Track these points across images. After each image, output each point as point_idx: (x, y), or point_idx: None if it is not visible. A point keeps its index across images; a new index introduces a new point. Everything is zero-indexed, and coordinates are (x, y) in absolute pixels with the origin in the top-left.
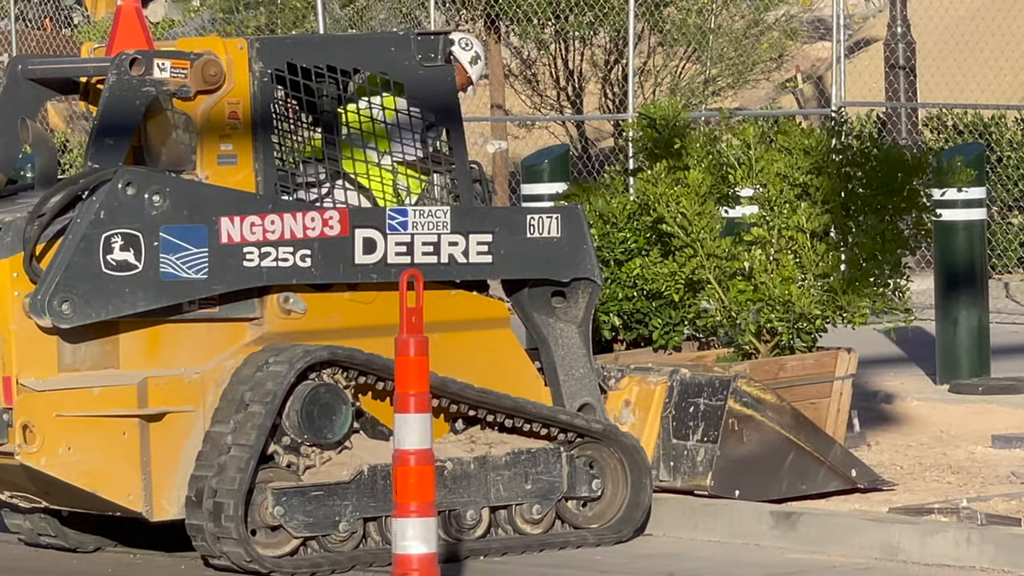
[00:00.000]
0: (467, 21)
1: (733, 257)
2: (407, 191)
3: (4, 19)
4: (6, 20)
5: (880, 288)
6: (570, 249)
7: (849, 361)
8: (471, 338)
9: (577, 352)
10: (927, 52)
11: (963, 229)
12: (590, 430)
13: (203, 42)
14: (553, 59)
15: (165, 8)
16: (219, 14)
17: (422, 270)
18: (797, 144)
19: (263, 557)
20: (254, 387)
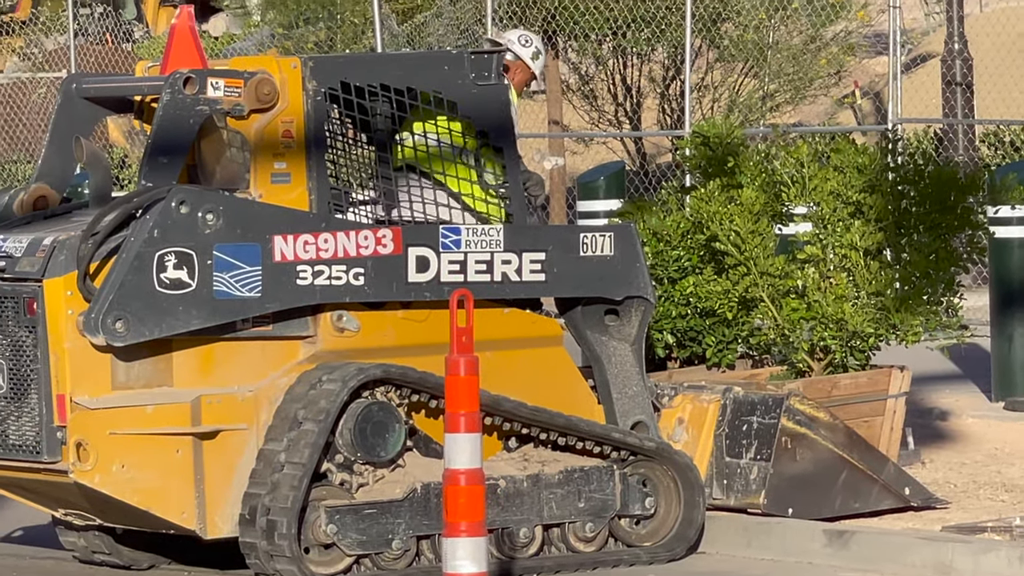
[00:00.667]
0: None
1: (786, 275)
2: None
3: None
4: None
5: (933, 306)
6: (623, 267)
7: (902, 379)
8: (524, 356)
9: (630, 370)
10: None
11: (1018, 246)
12: (643, 448)
13: (257, 61)
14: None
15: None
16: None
17: (475, 288)
18: (850, 162)
19: (316, 575)
20: (307, 405)
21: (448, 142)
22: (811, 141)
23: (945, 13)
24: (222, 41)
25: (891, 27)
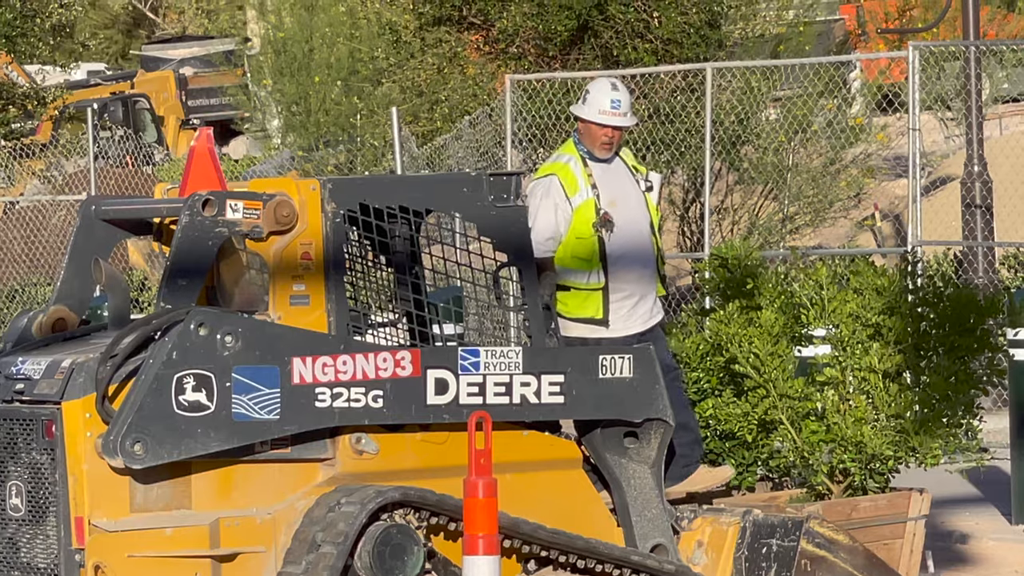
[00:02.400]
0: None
1: (806, 397)
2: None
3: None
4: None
5: (952, 429)
6: (642, 389)
7: (922, 502)
8: (543, 478)
9: (650, 493)
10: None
11: None
12: (663, 571)
13: (276, 183)
14: None
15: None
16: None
17: (494, 411)
18: (869, 284)
19: None
20: (326, 527)
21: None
22: (830, 263)
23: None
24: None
25: (911, 150)
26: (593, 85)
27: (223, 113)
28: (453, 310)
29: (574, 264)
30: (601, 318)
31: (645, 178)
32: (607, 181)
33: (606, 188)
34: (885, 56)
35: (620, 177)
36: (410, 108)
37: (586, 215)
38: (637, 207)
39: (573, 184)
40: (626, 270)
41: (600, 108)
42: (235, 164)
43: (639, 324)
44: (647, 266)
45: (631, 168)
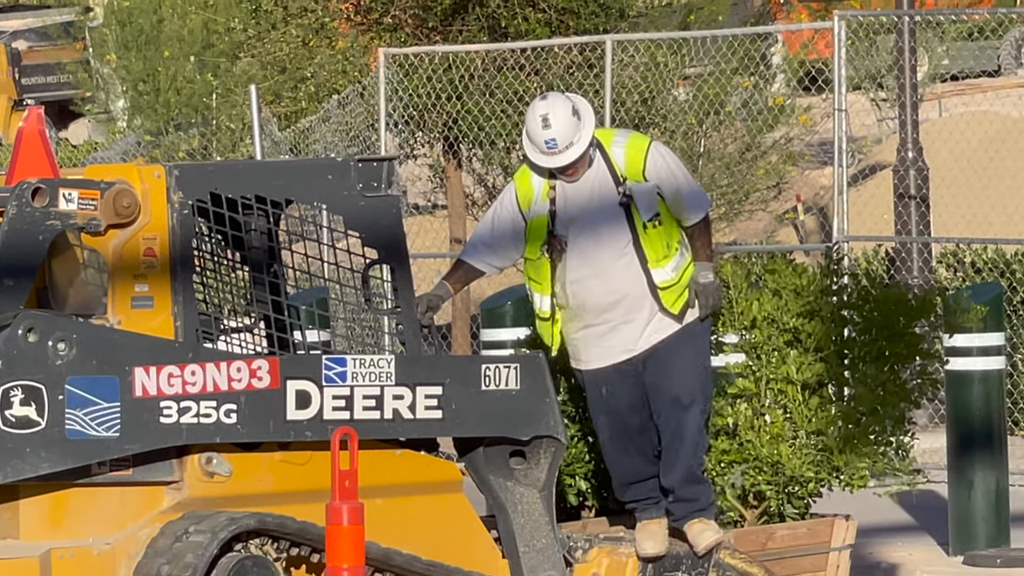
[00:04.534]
0: (423, 144)
1: (716, 412)
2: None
3: None
4: None
5: (881, 447)
6: (531, 403)
7: (847, 530)
8: (419, 504)
9: (539, 520)
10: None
11: (979, 380)
12: None
13: (116, 169)
14: None
15: (88, 130)
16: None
17: (363, 427)
18: (787, 284)
19: None
20: (172, 560)
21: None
22: (747, 261)
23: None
24: (82, 150)
25: (836, 133)
26: (528, 116)
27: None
28: (317, 314)
29: (530, 286)
30: (554, 350)
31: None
32: (571, 197)
33: (567, 205)
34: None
35: (590, 192)
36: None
37: (538, 233)
38: (607, 226)
39: (527, 196)
40: (586, 298)
41: (538, 148)
42: (74, 150)
43: (620, 354)
44: (617, 292)
45: (618, 176)
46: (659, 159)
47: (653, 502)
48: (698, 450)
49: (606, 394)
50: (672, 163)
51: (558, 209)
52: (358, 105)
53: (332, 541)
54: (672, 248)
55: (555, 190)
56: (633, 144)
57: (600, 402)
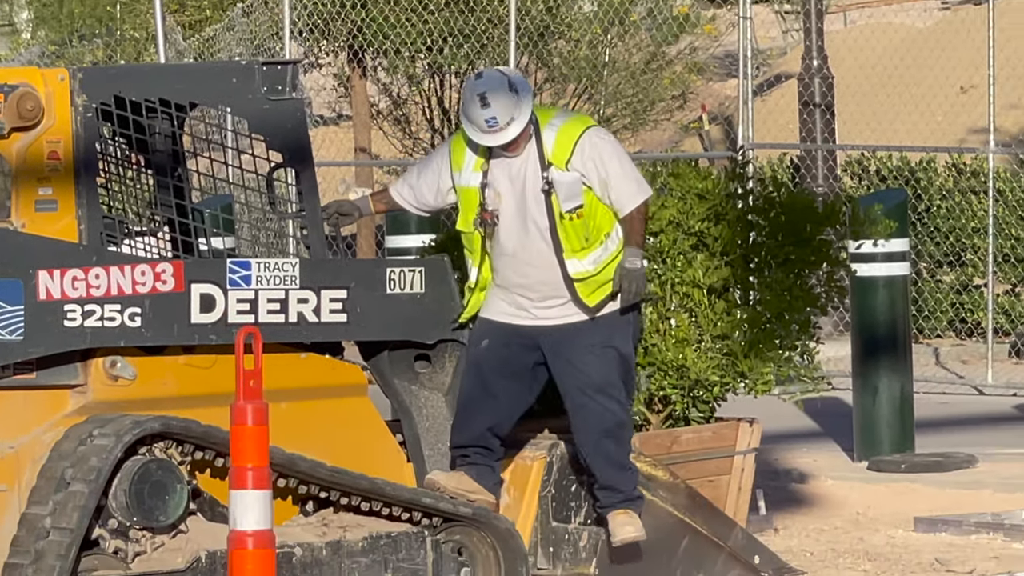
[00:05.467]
0: (328, 53)
1: None
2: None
3: None
4: None
5: (786, 351)
6: (435, 307)
7: (752, 434)
8: (323, 408)
9: (444, 424)
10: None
11: (884, 286)
12: (458, 513)
13: (19, 73)
14: (426, 97)
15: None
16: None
17: (267, 330)
18: (691, 188)
19: None
20: (76, 463)
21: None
22: (651, 169)
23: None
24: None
25: (740, 42)
26: (464, 96)
27: None
28: (222, 217)
29: (467, 255)
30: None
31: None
32: (500, 175)
33: (496, 182)
34: None
35: (517, 172)
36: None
37: (470, 205)
38: (529, 210)
39: (459, 162)
40: (509, 275)
41: (478, 128)
42: None
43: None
44: (533, 276)
45: (544, 160)
46: (588, 150)
47: (469, 463)
48: (613, 440)
49: (484, 347)
50: (605, 153)
51: (489, 183)
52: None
53: (236, 441)
54: (594, 241)
55: (488, 163)
56: (566, 130)
57: (476, 352)
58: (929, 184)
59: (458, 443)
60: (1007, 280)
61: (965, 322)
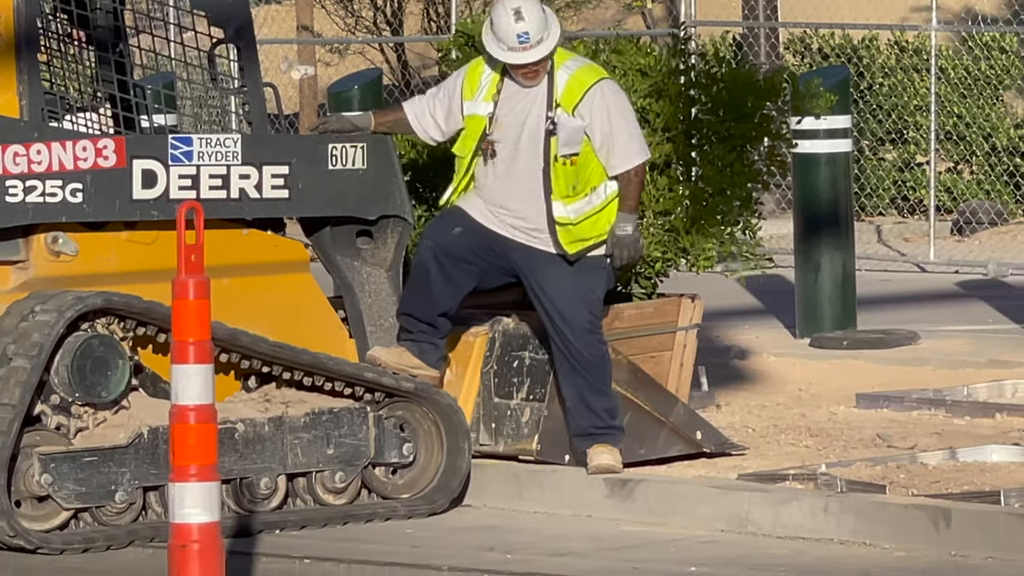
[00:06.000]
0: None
1: None
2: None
3: None
4: None
5: (728, 228)
6: (377, 183)
7: (694, 310)
8: (265, 284)
9: (386, 300)
10: None
11: (826, 163)
12: (400, 388)
13: None
14: None
15: None
16: None
17: (209, 206)
18: (633, 65)
19: (29, 531)
20: (18, 339)
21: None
22: (594, 47)
23: None
24: None
25: None
26: (497, 11)
27: None
28: (164, 94)
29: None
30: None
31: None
32: (508, 107)
33: (504, 113)
34: None
35: (526, 107)
36: None
37: (473, 132)
38: (529, 147)
39: (472, 88)
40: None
41: (507, 44)
42: None
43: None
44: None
45: (552, 100)
46: (598, 100)
47: (411, 339)
48: (587, 371)
49: (455, 233)
50: (613, 108)
51: (497, 114)
52: None
53: (178, 316)
54: (581, 191)
55: (499, 95)
56: (579, 76)
57: (444, 236)
58: (872, 62)
59: (406, 320)
60: (949, 158)
61: (907, 200)
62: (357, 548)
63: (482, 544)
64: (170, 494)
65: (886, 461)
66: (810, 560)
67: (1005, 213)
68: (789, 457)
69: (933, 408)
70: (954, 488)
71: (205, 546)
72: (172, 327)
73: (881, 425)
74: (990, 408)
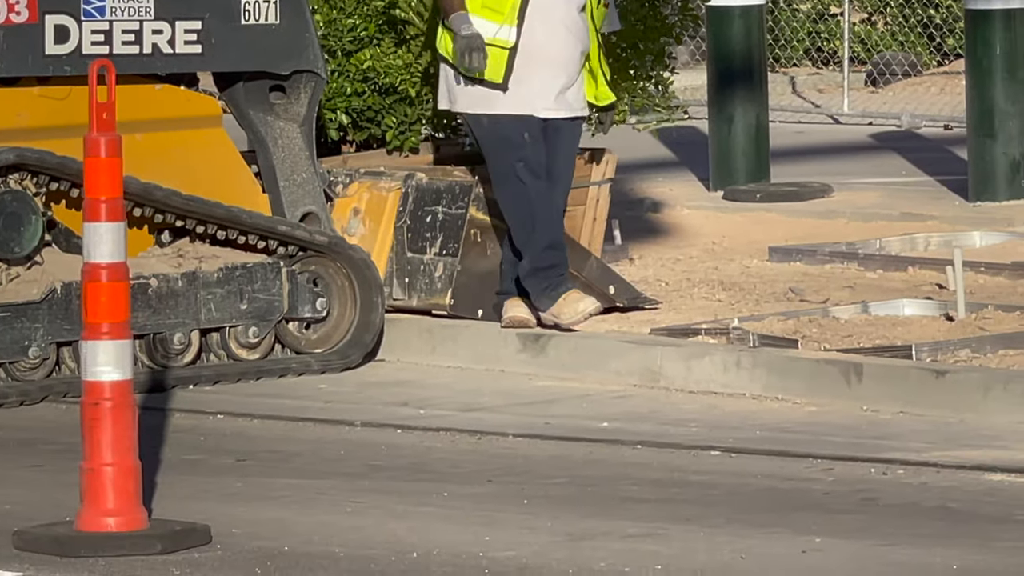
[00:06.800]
0: None
1: None
2: None
3: None
4: None
5: (641, 81)
6: (290, 38)
7: (606, 164)
8: (178, 138)
9: (299, 154)
10: None
11: (739, 16)
12: (313, 242)
13: None
14: None
15: None
16: None
17: (122, 61)
18: None
19: None
20: None
21: None
22: None
23: None
24: None
25: None
26: None
27: None
28: None
29: (483, 13)
30: (500, 81)
31: None
32: None
33: None
34: None
35: None
36: None
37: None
38: None
39: None
40: (546, 38)
41: None
42: None
43: (547, 107)
44: (572, 46)
45: None
46: None
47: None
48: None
49: (528, 139)
50: None
51: None
52: None
53: (91, 173)
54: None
55: None
56: None
57: (521, 147)
58: None
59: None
60: (863, 9)
61: (821, 51)
62: (270, 403)
63: (395, 399)
64: (82, 352)
65: (798, 315)
66: (722, 415)
67: (919, 64)
68: (702, 311)
69: (846, 261)
70: (866, 342)
71: (117, 403)
72: (84, 185)
73: (794, 279)
74: (902, 261)
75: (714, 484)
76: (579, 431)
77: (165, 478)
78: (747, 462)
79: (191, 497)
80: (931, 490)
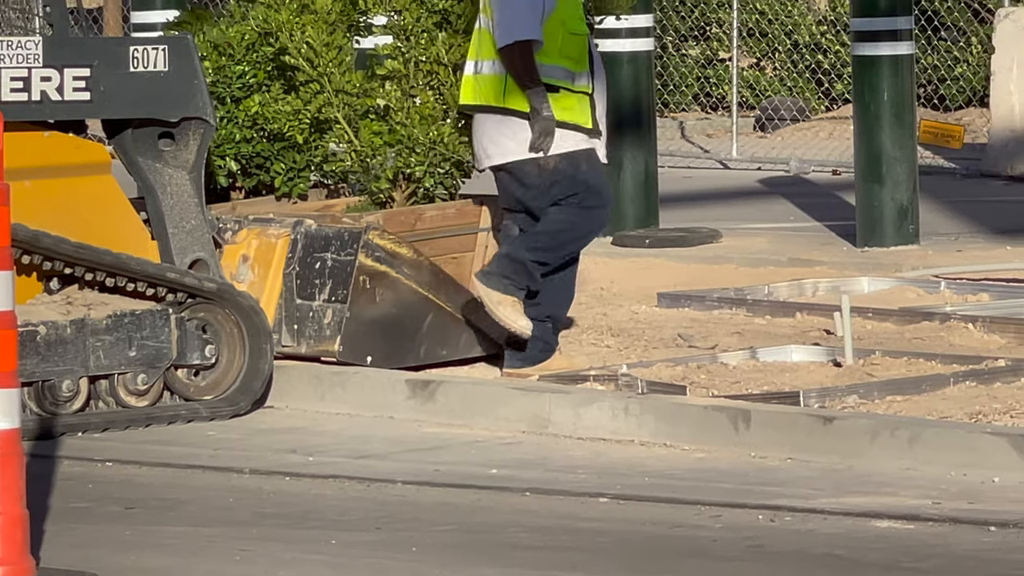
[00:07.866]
0: None
1: (365, 94)
2: None
3: None
4: None
5: None
6: (179, 85)
7: (495, 210)
8: (67, 186)
9: (188, 201)
10: None
11: (628, 62)
12: (202, 289)
13: None
14: None
15: None
16: None
17: (10, 109)
18: None
19: None
20: None
21: None
22: None
23: None
24: None
25: None
26: None
27: None
28: None
29: (563, 62)
30: (591, 128)
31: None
32: None
33: None
34: None
35: None
36: None
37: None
38: None
39: None
40: (599, 80)
41: None
42: None
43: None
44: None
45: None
46: None
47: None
48: None
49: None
50: None
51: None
52: None
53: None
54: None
55: None
56: None
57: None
58: None
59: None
60: (752, 54)
61: (710, 96)
62: (159, 450)
63: (284, 446)
64: None
65: (687, 361)
66: (610, 461)
67: (807, 110)
68: (590, 357)
69: (734, 307)
70: (754, 388)
71: (5, 453)
72: None
73: (682, 324)
74: (791, 307)
75: (603, 531)
76: (468, 478)
77: (53, 526)
78: (636, 509)
79: (80, 545)
80: (818, 537)
